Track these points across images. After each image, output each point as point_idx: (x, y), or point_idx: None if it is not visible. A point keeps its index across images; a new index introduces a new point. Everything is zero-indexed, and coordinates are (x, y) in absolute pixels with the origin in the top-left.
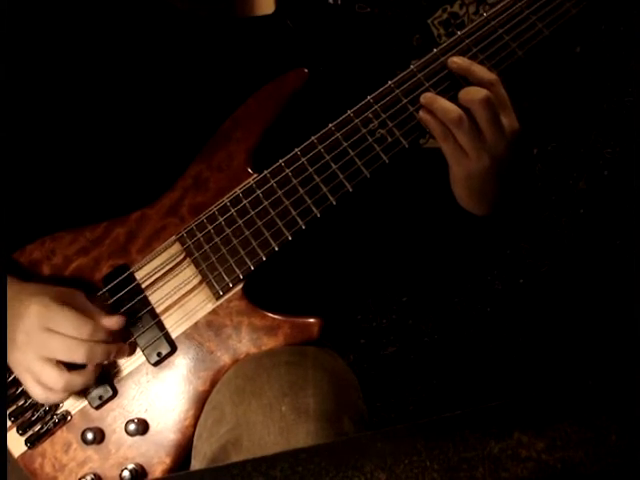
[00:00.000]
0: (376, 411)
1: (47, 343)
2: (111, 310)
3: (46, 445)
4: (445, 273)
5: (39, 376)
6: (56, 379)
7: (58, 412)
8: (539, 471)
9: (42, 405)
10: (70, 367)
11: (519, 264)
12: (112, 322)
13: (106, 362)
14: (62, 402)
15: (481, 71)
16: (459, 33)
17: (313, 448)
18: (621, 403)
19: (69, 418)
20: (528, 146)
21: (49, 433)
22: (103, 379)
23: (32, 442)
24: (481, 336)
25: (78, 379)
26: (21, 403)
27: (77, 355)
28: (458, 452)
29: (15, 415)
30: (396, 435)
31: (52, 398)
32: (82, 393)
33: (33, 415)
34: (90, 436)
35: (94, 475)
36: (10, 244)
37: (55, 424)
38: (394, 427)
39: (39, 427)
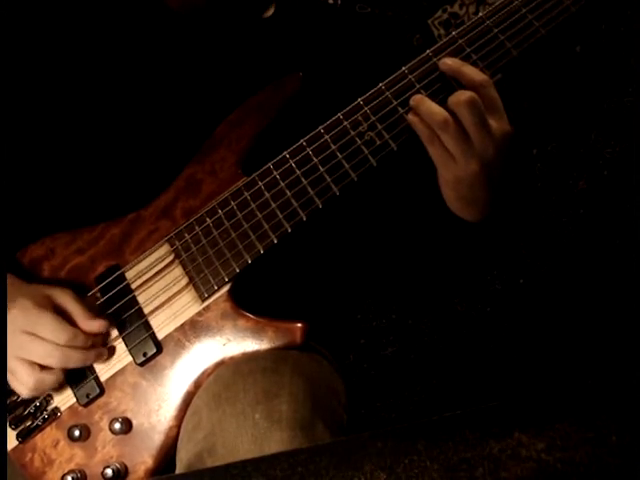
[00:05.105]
0: (376, 411)
1: (24, 345)
2: (99, 310)
3: (37, 440)
4: (443, 274)
5: (14, 373)
6: (27, 378)
7: (48, 408)
8: (539, 471)
9: (33, 401)
10: (43, 366)
11: (519, 264)
12: (93, 326)
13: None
14: (41, 396)
15: (472, 72)
16: (453, 33)
17: (313, 448)
18: (621, 403)
19: (58, 414)
20: (523, 149)
21: (39, 428)
22: (91, 377)
23: (23, 436)
24: (481, 336)
25: (49, 378)
26: (14, 398)
27: (52, 360)
28: (458, 452)
29: (8, 410)
30: (396, 435)
31: (25, 393)
32: (71, 390)
33: (25, 410)
34: (77, 433)
35: (80, 471)
36: (12, 244)
37: (45, 420)
38: (394, 427)
39: (30, 422)
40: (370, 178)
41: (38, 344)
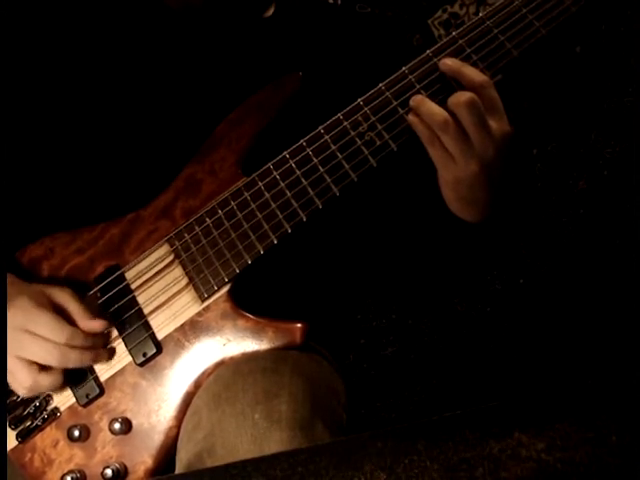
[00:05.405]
0: (376, 411)
1: (23, 344)
2: (98, 311)
3: (36, 440)
4: (443, 274)
5: (12, 372)
6: (25, 377)
7: (48, 408)
8: (539, 471)
9: (33, 401)
10: (42, 366)
11: (519, 264)
12: (92, 325)
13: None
14: (39, 396)
15: (472, 73)
16: (453, 34)
17: (313, 448)
18: (621, 403)
19: (58, 414)
20: (524, 150)
21: (39, 429)
22: (90, 378)
23: (23, 437)
24: (481, 336)
25: (46, 380)
26: (14, 398)
27: (50, 358)
28: (458, 452)
29: (8, 410)
30: (396, 435)
31: (23, 393)
32: (71, 390)
33: (24, 410)
34: (76, 433)
35: (79, 472)
36: (12, 244)
37: (44, 420)
38: (394, 427)
39: (29, 422)
40: (370, 179)
41: (37, 343)
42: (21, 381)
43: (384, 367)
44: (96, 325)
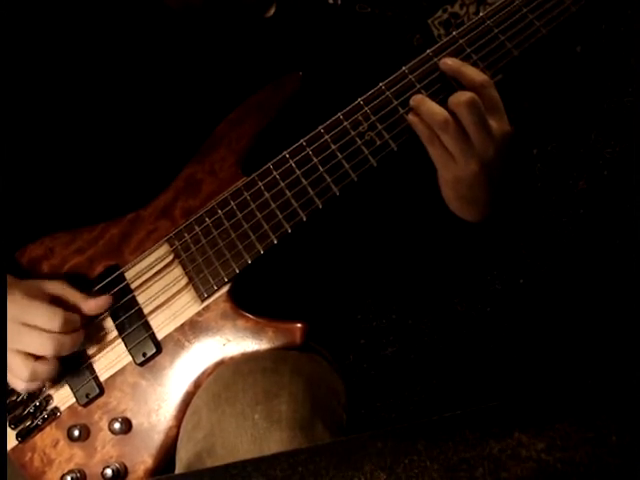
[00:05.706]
0: (376, 411)
1: (18, 336)
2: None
3: (36, 440)
4: (443, 274)
5: (9, 366)
6: (22, 369)
7: (48, 408)
8: (539, 471)
9: (33, 401)
10: (38, 356)
11: (519, 264)
12: (92, 305)
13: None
14: (37, 389)
15: (472, 73)
16: (454, 33)
17: (313, 448)
18: (621, 403)
19: (58, 414)
20: (524, 150)
21: (39, 428)
22: (90, 377)
23: (23, 436)
24: (481, 336)
25: (43, 368)
26: (13, 398)
27: (46, 348)
28: (458, 452)
29: (7, 410)
30: (396, 435)
31: (21, 386)
32: (71, 390)
33: (24, 410)
34: (76, 433)
35: (79, 471)
36: (12, 244)
37: (44, 420)
38: (394, 427)
39: (29, 422)
40: (370, 178)
41: (32, 334)
42: (18, 373)
43: (384, 367)
44: (95, 304)
